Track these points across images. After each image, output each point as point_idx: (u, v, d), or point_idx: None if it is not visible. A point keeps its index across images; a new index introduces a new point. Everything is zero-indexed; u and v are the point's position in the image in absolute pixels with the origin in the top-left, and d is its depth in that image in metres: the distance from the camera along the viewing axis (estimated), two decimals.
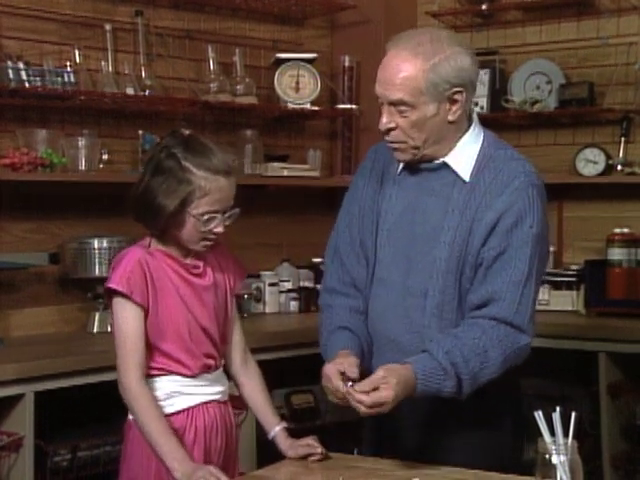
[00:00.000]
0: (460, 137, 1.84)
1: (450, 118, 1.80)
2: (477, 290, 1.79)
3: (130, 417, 1.85)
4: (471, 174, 1.83)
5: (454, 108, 1.79)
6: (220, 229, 1.80)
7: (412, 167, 1.87)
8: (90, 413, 2.71)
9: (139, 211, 1.81)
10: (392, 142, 1.82)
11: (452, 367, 1.71)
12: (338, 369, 1.71)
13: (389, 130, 1.80)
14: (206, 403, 1.85)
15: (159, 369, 1.80)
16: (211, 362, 1.86)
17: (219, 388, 1.89)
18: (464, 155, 1.84)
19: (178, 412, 1.81)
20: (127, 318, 1.77)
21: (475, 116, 1.89)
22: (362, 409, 1.65)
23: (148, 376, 1.79)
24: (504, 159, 1.84)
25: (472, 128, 1.86)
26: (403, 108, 1.77)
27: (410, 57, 1.75)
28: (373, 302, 1.90)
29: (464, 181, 1.82)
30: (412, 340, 1.83)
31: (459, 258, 1.80)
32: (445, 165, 1.84)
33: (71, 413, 2.70)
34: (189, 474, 1.66)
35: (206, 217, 1.77)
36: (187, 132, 1.83)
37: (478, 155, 1.84)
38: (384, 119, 1.80)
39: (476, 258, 1.79)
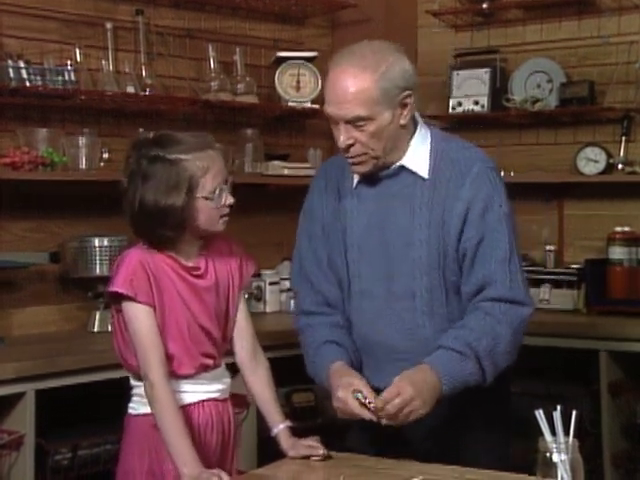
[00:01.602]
0: (410, 139, 1.86)
1: (402, 122, 1.82)
2: (468, 281, 1.83)
3: (130, 411, 1.85)
4: (429, 171, 1.86)
5: (405, 112, 1.82)
6: (231, 200, 1.81)
7: (369, 177, 1.88)
8: (91, 412, 2.71)
9: (143, 225, 1.79)
10: (352, 157, 1.83)
11: (467, 347, 1.75)
12: (352, 389, 1.73)
13: (349, 147, 1.81)
14: (202, 401, 1.85)
15: None
16: (209, 362, 1.85)
17: (218, 386, 1.88)
18: (418, 154, 1.86)
19: None
20: (138, 318, 1.77)
21: (418, 115, 1.91)
22: (394, 422, 1.68)
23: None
24: (456, 150, 1.88)
25: (419, 128, 1.89)
26: (360, 123, 1.78)
27: (358, 72, 1.77)
28: (359, 315, 1.91)
29: (424, 179, 1.85)
30: (405, 340, 1.86)
31: (439, 253, 1.83)
32: (402, 168, 1.87)
33: (72, 412, 2.70)
34: (194, 477, 1.67)
35: (217, 191, 1.78)
36: (150, 133, 1.83)
37: (430, 151, 1.87)
38: (342, 137, 1.81)
39: (456, 250, 1.83)
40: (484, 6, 3.53)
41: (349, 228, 1.90)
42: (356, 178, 1.90)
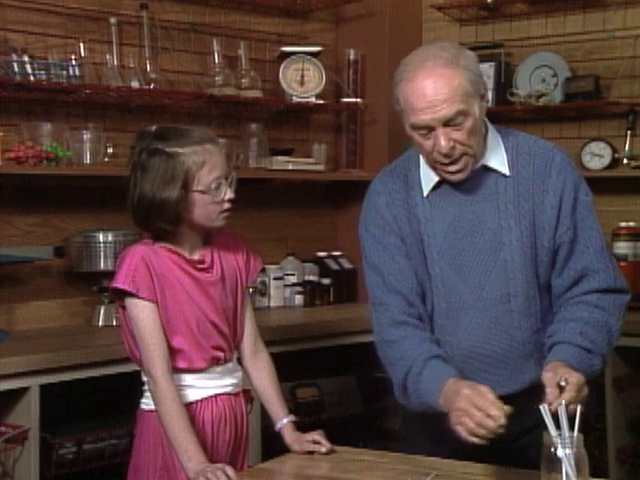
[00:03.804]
0: (485, 135, 1.80)
1: (483, 115, 1.76)
2: (564, 272, 1.80)
3: (143, 407, 1.85)
4: (509, 167, 1.81)
5: (484, 103, 1.76)
6: (230, 194, 1.80)
7: (441, 184, 1.81)
8: (96, 406, 2.71)
9: (143, 217, 1.80)
10: (454, 162, 1.74)
11: (593, 344, 1.74)
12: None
13: (451, 150, 1.72)
14: (215, 396, 1.85)
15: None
16: (220, 354, 1.86)
17: (230, 380, 1.88)
18: (495, 151, 1.81)
19: (185, 405, 1.80)
20: (141, 314, 1.77)
21: None
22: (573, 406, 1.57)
23: None
24: (527, 142, 1.84)
25: (488, 124, 1.83)
26: (458, 120, 1.70)
27: (443, 70, 1.69)
28: (449, 327, 1.81)
29: (505, 176, 1.80)
30: (501, 344, 1.80)
31: (531, 250, 1.79)
32: (484, 168, 1.80)
33: (77, 406, 2.70)
34: (199, 472, 1.67)
35: (214, 185, 1.78)
36: (153, 126, 1.84)
37: (505, 147, 1.82)
38: (443, 142, 1.70)
39: (552, 243, 1.79)
40: (489, 0, 3.52)
41: (429, 238, 1.80)
42: (426, 187, 1.82)
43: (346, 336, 3.08)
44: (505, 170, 1.80)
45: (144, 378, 1.85)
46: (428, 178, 1.82)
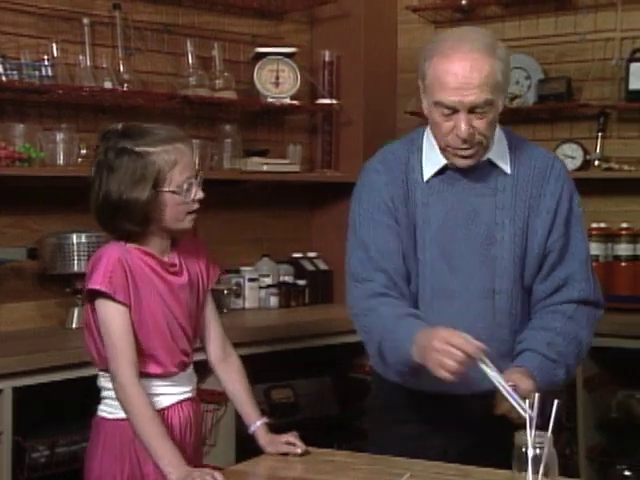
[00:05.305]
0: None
1: (501, 109, 1.76)
2: (547, 279, 1.82)
3: (99, 414, 1.82)
4: (510, 166, 1.82)
5: (503, 98, 1.77)
6: (200, 194, 1.78)
7: (443, 171, 1.81)
8: (69, 409, 2.69)
9: (108, 218, 1.76)
10: (469, 148, 1.74)
11: (559, 355, 1.75)
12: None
13: (470, 136, 1.71)
14: (181, 402, 1.84)
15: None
16: (186, 359, 1.86)
17: (191, 386, 1.89)
18: (500, 148, 1.82)
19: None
20: (113, 318, 1.74)
21: None
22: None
23: None
24: (528, 146, 1.86)
25: None
26: (484, 109, 1.69)
27: (479, 55, 1.68)
28: (433, 315, 1.79)
29: (506, 174, 1.81)
30: (483, 340, 1.76)
31: (521, 250, 1.80)
32: (488, 162, 1.81)
33: (50, 409, 2.68)
34: (183, 478, 1.65)
35: (185, 186, 1.75)
36: (119, 125, 1.80)
37: (508, 146, 1.83)
38: (464, 127, 1.69)
39: (543, 249, 1.80)
40: (463, 2, 3.54)
41: (423, 223, 1.80)
42: (427, 172, 1.82)
43: (322, 337, 3.09)
44: (507, 168, 1.82)
45: (104, 384, 1.81)
46: (431, 162, 1.82)
